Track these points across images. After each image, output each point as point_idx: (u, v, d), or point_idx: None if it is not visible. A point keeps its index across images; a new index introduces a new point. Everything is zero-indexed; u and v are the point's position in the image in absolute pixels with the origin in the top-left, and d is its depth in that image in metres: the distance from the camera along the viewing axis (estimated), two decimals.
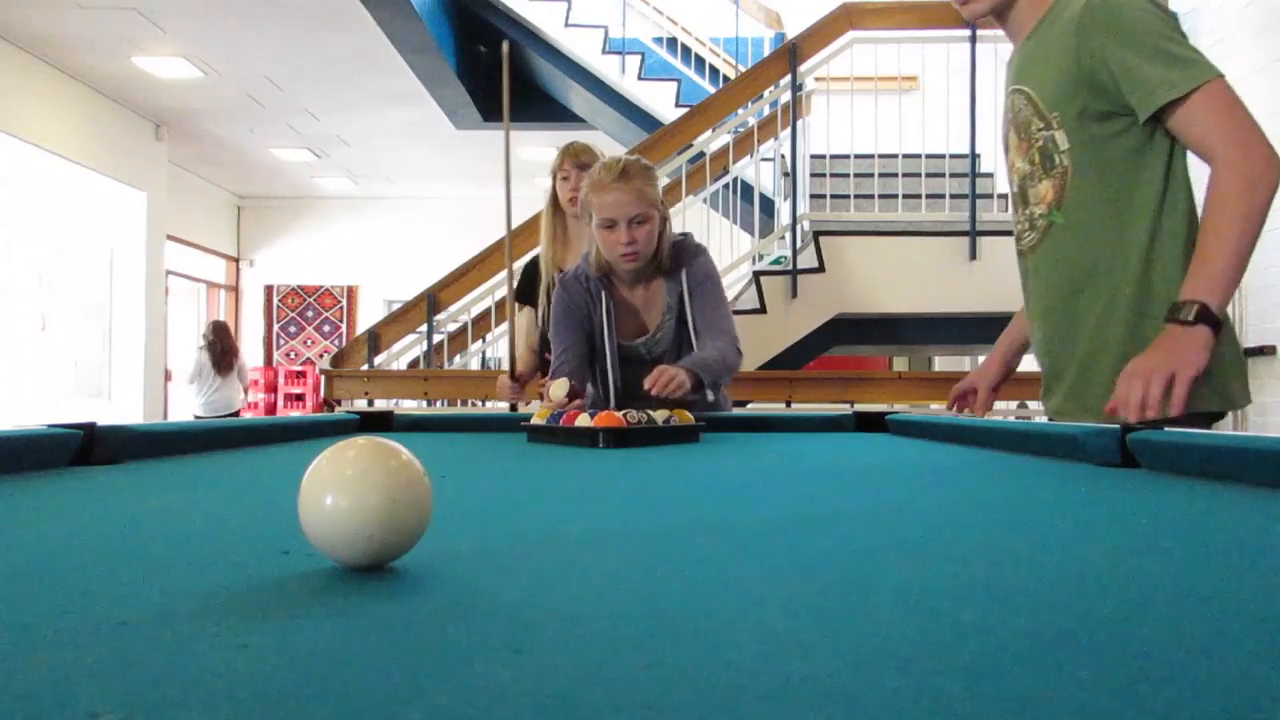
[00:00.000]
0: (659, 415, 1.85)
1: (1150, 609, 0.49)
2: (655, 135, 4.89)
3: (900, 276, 4.68)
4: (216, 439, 1.64)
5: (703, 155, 5.03)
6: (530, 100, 7.16)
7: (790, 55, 4.78)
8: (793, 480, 1.21)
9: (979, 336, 4.79)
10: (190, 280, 10.50)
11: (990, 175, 5.25)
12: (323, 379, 4.44)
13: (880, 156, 4.93)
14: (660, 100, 6.43)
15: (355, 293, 11.27)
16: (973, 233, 4.61)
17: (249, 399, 9.65)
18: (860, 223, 4.91)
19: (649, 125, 6.19)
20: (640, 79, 6.51)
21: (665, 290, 2.22)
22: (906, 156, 5.10)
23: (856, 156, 5.24)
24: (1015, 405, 5.27)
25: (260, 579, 0.56)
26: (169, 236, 8.78)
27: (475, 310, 4.97)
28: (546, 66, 6.57)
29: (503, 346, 2.88)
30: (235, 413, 7.47)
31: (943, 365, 8.26)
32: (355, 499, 0.54)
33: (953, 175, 4.95)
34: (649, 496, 1.06)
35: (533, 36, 6.42)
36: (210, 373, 7.35)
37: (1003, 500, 1.01)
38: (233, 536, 0.75)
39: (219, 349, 7.39)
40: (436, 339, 4.92)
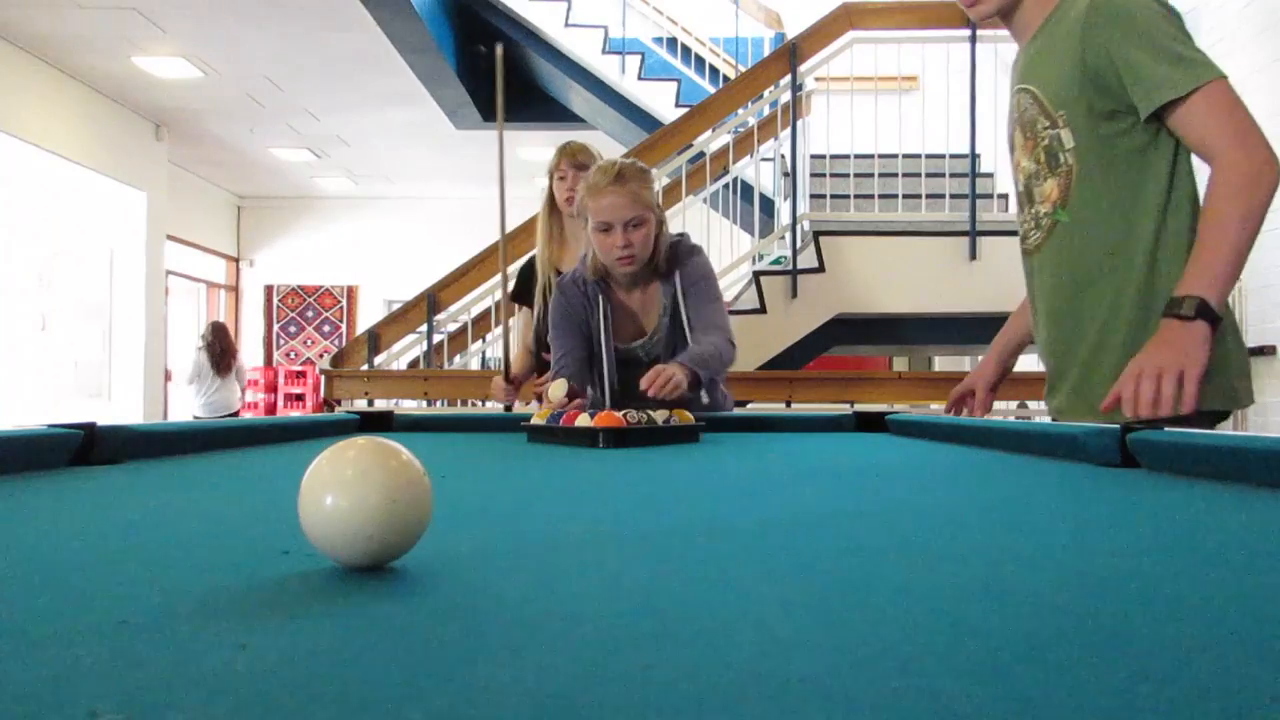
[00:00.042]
0: (659, 415, 1.85)
1: (1150, 609, 0.49)
2: (655, 135, 4.89)
3: (900, 276, 4.68)
4: (216, 439, 1.64)
5: (703, 155, 5.03)
6: (530, 100, 7.15)
7: (790, 55, 4.78)
8: (793, 480, 1.21)
9: (979, 336, 4.78)
10: (190, 280, 10.50)
11: (990, 175, 5.25)
12: (323, 379, 4.44)
13: (880, 156, 4.93)
14: (660, 100, 6.43)
15: (355, 293, 11.27)
16: (973, 233, 4.61)
17: (247, 399, 9.65)
18: (860, 223, 4.91)
19: (649, 125, 6.18)
20: (640, 79, 6.51)
21: (661, 292, 2.22)
22: (906, 156, 5.10)
23: (856, 156, 5.24)
24: (1015, 405, 5.27)
25: (260, 579, 0.56)
26: (169, 236, 8.78)
27: (475, 310, 4.97)
28: (546, 66, 6.57)
29: (511, 344, 2.88)
30: (234, 413, 7.47)
31: (943, 365, 8.26)
32: (355, 499, 0.54)
33: (953, 175, 4.95)
34: (649, 496, 1.06)
35: (533, 36, 6.42)
36: (209, 373, 7.35)
37: (1003, 500, 1.01)
38: (233, 536, 0.75)
39: (218, 349, 7.40)
40: (436, 339, 4.92)
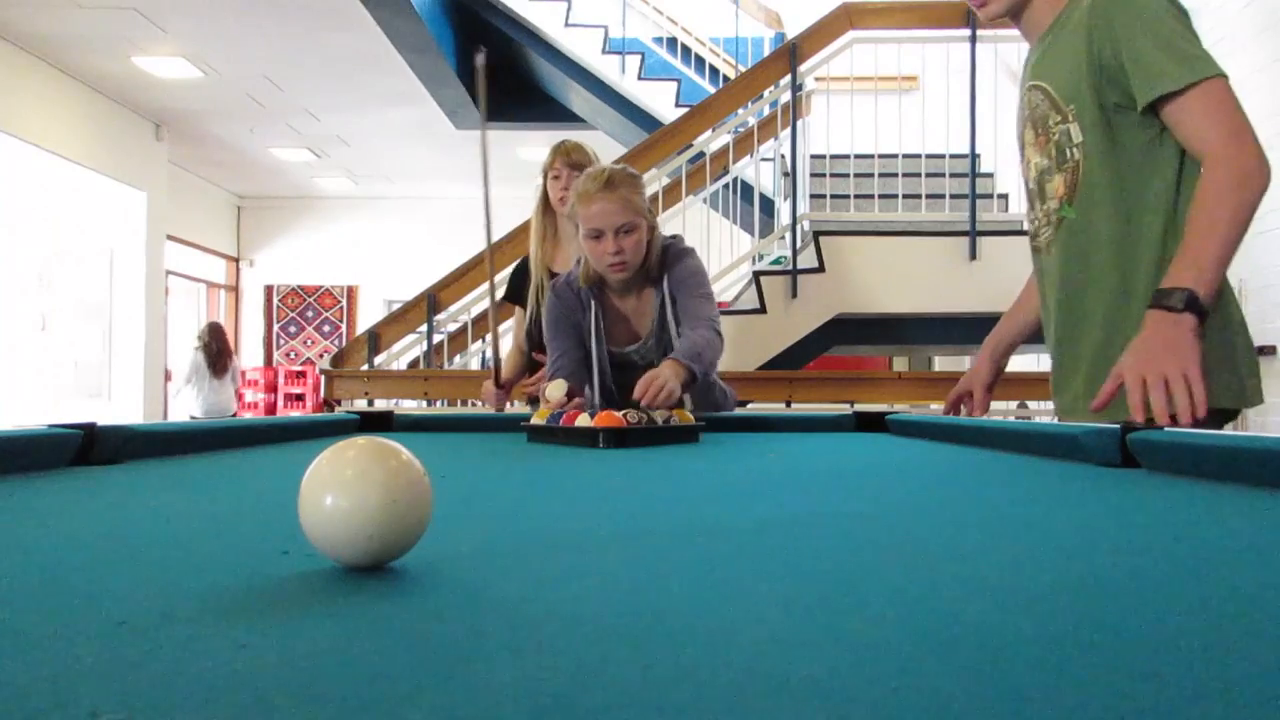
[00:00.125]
0: (659, 415, 1.85)
1: (1150, 609, 0.49)
2: (655, 135, 4.89)
3: (900, 276, 4.68)
4: (216, 439, 1.64)
5: (703, 155, 5.02)
6: (530, 100, 7.15)
7: (790, 55, 4.77)
8: (792, 480, 1.21)
9: (979, 336, 4.73)
10: (190, 280, 10.50)
11: (990, 175, 5.25)
12: (323, 379, 4.44)
13: (880, 156, 4.93)
14: (660, 100, 6.42)
15: (355, 293, 11.26)
16: (973, 233, 4.61)
17: (246, 399, 9.65)
18: (860, 223, 4.90)
19: (649, 125, 6.18)
20: (640, 79, 6.50)
21: (655, 296, 2.21)
22: (906, 156, 5.10)
23: (856, 156, 5.24)
24: (1015, 405, 5.27)
25: (260, 579, 0.56)
26: (169, 236, 8.78)
27: (475, 310, 4.96)
28: (546, 66, 6.57)
29: (503, 346, 2.88)
30: (232, 415, 7.47)
31: (943, 365, 8.25)
32: (355, 499, 0.54)
33: (953, 175, 4.95)
34: (649, 496, 1.06)
35: (533, 36, 6.42)
36: (206, 374, 7.35)
37: (1003, 500, 1.01)
38: (233, 536, 0.75)
39: (214, 350, 7.40)
40: (436, 339, 4.92)
